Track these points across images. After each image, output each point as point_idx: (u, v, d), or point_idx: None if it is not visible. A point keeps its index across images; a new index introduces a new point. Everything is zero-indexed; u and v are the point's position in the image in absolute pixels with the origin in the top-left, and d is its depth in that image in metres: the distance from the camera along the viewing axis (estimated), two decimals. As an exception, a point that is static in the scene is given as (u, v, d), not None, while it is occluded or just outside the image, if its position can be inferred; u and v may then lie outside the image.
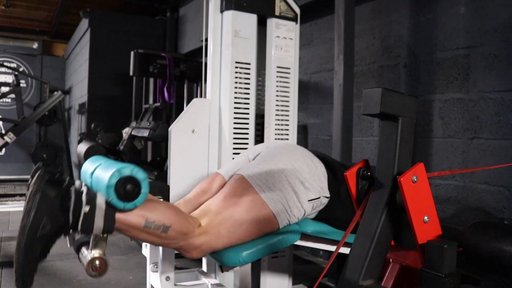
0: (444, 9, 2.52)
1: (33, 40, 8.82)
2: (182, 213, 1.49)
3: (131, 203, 1.30)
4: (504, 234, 1.24)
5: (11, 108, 7.88)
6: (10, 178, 8.01)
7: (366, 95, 1.17)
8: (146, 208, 1.35)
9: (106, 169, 1.32)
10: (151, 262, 2.05)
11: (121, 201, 1.28)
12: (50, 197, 1.25)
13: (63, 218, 1.26)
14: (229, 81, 2.11)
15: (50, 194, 1.25)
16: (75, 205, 1.26)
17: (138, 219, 1.34)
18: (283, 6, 2.24)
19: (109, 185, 1.26)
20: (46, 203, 1.24)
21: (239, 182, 1.63)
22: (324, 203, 1.72)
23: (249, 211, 1.55)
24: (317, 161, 1.76)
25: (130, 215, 1.32)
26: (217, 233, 1.50)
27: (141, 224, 1.34)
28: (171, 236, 1.40)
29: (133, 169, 1.29)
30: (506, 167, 2.13)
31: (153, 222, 1.36)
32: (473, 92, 2.33)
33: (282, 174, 1.64)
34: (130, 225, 1.33)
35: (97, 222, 1.27)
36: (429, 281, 1.10)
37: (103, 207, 1.28)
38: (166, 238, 1.41)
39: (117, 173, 1.27)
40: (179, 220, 1.43)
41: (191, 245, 1.47)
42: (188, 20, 6.02)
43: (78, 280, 2.82)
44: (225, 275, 2.09)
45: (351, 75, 2.90)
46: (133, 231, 1.36)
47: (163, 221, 1.37)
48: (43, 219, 1.23)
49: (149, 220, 1.35)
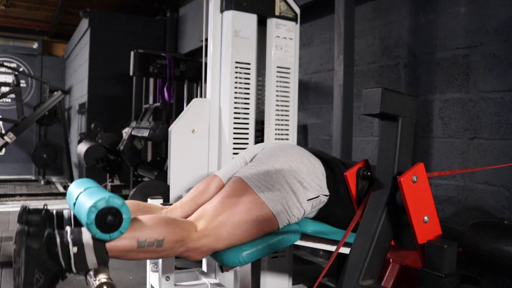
0: (444, 9, 2.52)
1: (33, 40, 8.82)
2: (173, 222, 1.47)
3: (116, 232, 1.30)
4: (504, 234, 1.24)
5: (11, 108, 7.88)
6: (10, 178, 8.01)
7: (366, 95, 1.17)
8: (134, 229, 1.35)
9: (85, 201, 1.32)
10: (151, 262, 2.05)
11: (105, 233, 1.28)
12: (35, 250, 1.24)
13: (55, 266, 1.26)
14: (229, 81, 2.11)
15: (34, 247, 1.25)
16: (62, 250, 1.26)
17: (129, 242, 1.33)
18: (283, 6, 2.24)
19: (89, 223, 1.26)
20: (33, 257, 1.24)
21: (237, 184, 1.63)
22: (323, 201, 1.72)
23: (248, 212, 1.54)
24: (314, 160, 1.76)
25: (120, 241, 1.32)
26: (217, 235, 1.50)
27: (134, 246, 1.34)
28: (167, 247, 1.40)
29: (107, 199, 1.28)
30: (506, 167, 2.13)
31: (145, 241, 1.35)
32: (473, 92, 2.33)
33: (280, 175, 1.64)
34: (123, 250, 1.33)
35: (90, 259, 1.27)
36: (429, 281, 1.10)
37: (90, 243, 1.27)
38: (163, 251, 1.41)
39: (93, 209, 1.26)
40: (170, 230, 1.42)
41: (190, 249, 1.47)
42: (188, 20, 6.02)
43: (78, 280, 2.82)
44: (225, 275, 2.09)
45: (351, 75, 2.90)
46: (129, 254, 1.36)
47: (154, 236, 1.37)
48: (35, 273, 1.24)
49: (140, 240, 1.34)
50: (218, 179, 1.76)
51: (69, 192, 1.53)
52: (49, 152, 7.49)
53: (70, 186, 1.56)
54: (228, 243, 1.52)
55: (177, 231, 1.43)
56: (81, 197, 1.38)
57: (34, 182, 7.84)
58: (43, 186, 7.41)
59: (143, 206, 1.71)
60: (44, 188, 7.11)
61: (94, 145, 4.85)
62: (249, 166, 1.73)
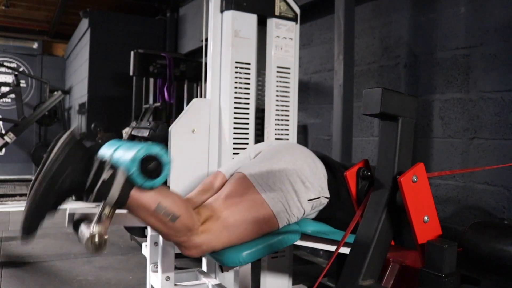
0: (444, 9, 2.52)
1: (33, 40, 8.82)
2: (191, 209, 1.49)
3: (150, 182, 1.30)
4: (504, 234, 1.24)
5: (11, 108, 7.88)
6: (10, 178, 8.01)
7: (366, 95, 1.17)
8: (160, 193, 1.36)
9: (132, 146, 1.33)
10: (151, 262, 2.05)
11: (142, 176, 1.29)
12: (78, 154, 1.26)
13: (82, 178, 1.26)
14: (229, 81, 2.11)
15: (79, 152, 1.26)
16: (97, 170, 1.27)
17: (150, 200, 1.34)
18: (283, 6, 2.24)
19: (135, 158, 1.27)
20: (74, 157, 1.25)
21: (240, 181, 1.63)
22: (323, 203, 1.72)
23: (249, 210, 1.54)
24: (318, 161, 1.76)
25: (144, 195, 1.32)
26: (218, 233, 1.50)
27: (152, 206, 1.34)
28: (177, 227, 1.40)
29: (161, 149, 1.30)
30: (506, 167, 2.13)
31: (164, 208, 1.36)
32: (473, 92, 2.33)
33: (283, 173, 1.64)
34: (142, 204, 1.33)
35: (113, 191, 1.27)
36: (429, 281, 1.10)
37: (122, 179, 1.28)
38: (171, 228, 1.40)
39: (145, 148, 1.27)
40: (188, 213, 1.43)
41: (191, 242, 1.46)
42: (188, 20, 6.02)
43: (78, 280, 2.82)
44: (225, 275, 2.09)
45: (351, 75, 2.90)
46: (143, 212, 1.35)
47: (173, 209, 1.37)
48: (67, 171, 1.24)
49: (161, 205, 1.35)
50: (222, 175, 1.76)
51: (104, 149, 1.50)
52: (49, 152, 7.47)
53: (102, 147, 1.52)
54: (228, 241, 1.52)
55: (192, 217, 1.45)
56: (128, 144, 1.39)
57: (34, 182, 7.83)
58: (43, 186, 7.40)
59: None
60: (44, 188, 7.09)
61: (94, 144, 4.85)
62: (253, 162, 1.73)
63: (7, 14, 7.41)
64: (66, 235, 3.99)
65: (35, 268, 3.03)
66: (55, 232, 4.10)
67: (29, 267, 3.06)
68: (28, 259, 3.21)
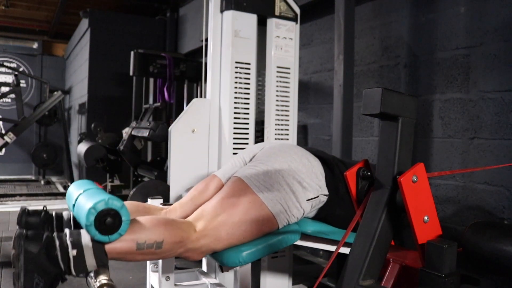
0: (444, 9, 2.52)
1: (33, 40, 8.82)
2: (173, 223, 1.47)
3: (115, 234, 1.29)
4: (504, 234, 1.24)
5: (11, 108, 7.88)
6: (10, 178, 8.01)
7: (366, 95, 1.17)
8: (133, 231, 1.34)
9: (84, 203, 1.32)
10: (151, 262, 2.05)
11: (105, 235, 1.28)
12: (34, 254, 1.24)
13: (54, 269, 1.25)
14: (229, 81, 2.11)
15: (33, 251, 1.24)
16: (61, 252, 1.25)
17: (128, 244, 1.33)
18: (283, 6, 2.24)
19: (88, 224, 1.26)
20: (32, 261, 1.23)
21: (237, 184, 1.63)
22: (323, 201, 1.72)
23: (247, 212, 1.54)
24: (313, 159, 1.76)
25: (119, 243, 1.32)
26: (216, 235, 1.50)
27: (133, 248, 1.34)
28: (166, 249, 1.40)
29: (107, 201, 1.27)
30: (506, 167, 2.13)
31: (144, 243, 1.35)
32: (473, 92, 2.33)
33: (280, 175, 1.64)
34: (123, 252, 1.33)
35: (89, 261, 1.27)
36: (429, 281, 1.10)
37: (90, 246, 1.27)
38: (162, 253, 1.41)
39: (93, 210, 1.26)
40: (169, 231, 1.42)
41: (189, 250, 1.47)
42: (188, 20, 6.02)
43: (78, 281, 2.82)
44: (225, 275, 2.09)
45: (351, 75, 2.90)
46: (128, 256, 1.36)
47: (153, 238, 1.37)
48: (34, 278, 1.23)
49: (139, 242, 1.34)
50: (217, 179, 1.76)
51: (69, 193, 1.53)
52: (49, 152, 7.49)
53: (69, 187, 1.55)
54: (227, 243, 1.52)
55: (176, 232, 1.43)
56: (81, 198, 1.37)
57: (34, 182, 7.84)
58: (43, 186, 7.41)
59: (143, 207, 1.71)
60: (44, 188, 7.11)
61: (94, 145, 4.85)
62: (249, 166, 1.73)
63: (7, 14, 7.41)
64: (66, 235, 3.99)
65: (35, 268, 3.02)
66: (55, 232, 4.10)
67: (29, 267, 3.05)
68: (28, 259, 3.21)
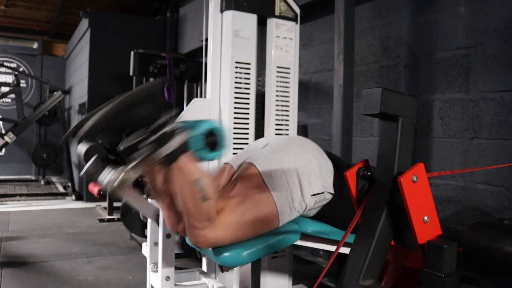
0: (444, 9, 2.52)
1: (33, 40, 8.82)
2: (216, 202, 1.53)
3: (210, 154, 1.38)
4: (504, 234, 1.24)
5: (11, 108, 7.87)
6: (10, 178, 8.01)
7: (366, 95, 1.17)
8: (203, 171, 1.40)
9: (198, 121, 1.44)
10: (151, 262, 2.05)
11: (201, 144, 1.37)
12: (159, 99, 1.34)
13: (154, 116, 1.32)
14: (229, 81, 2.11)
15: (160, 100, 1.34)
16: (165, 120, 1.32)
17: (193, 171, 1.37)
18: (283, 6, 2.24)
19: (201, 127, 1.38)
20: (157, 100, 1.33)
21: (250, 175, 1.63)
22: (327, 198, 1.72)
23: (257, 205, 1.56)
24: (326, 156, 1.77)
25: (190, 164, 1.36)
26: (226, 226, 1.50)
27: (192, 177, 1.37)
28: (202, 209, 1.41)
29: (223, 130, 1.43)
30: (506, 167, 2.13)
31: (202, 185, 1.38)
32: (473, 92, 2.33)
33: (292, 165, 1.64)
34: (184, 171, 1.36)
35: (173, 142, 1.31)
36: (429, 281, 1.10)
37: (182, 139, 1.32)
38: (197, 207, 1.41)
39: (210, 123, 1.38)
40: (215, 202, 1.46)
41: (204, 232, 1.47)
42: (188, 20, 6.02)
43: (78, 280, 2.82)
44: (225, 275, 2.10)
45: (351, 75, 2.90)
46: (181, 179, 1.37)
47: (209, 191, 1.40)
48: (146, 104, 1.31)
49: (200, 180, 1.38)
50: (229, 166, 1.77)
51: None
52: (49, 152, 7.49)
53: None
54: (234, 235, 1.52)
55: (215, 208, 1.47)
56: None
57: (34, 182, 7.84)
58: (43, 186, 7.41)
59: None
60: (44, 188, 7.11)
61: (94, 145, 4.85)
62: (262, 153, 1.73)
63: (7, 14, 7.40)
64: (66, 235, 3.99)
65: (35, 268, 3.03)
66: (55, 232, 4.10)
67: (29, 267, 3.06)
68: (28, 259, 3.21)
